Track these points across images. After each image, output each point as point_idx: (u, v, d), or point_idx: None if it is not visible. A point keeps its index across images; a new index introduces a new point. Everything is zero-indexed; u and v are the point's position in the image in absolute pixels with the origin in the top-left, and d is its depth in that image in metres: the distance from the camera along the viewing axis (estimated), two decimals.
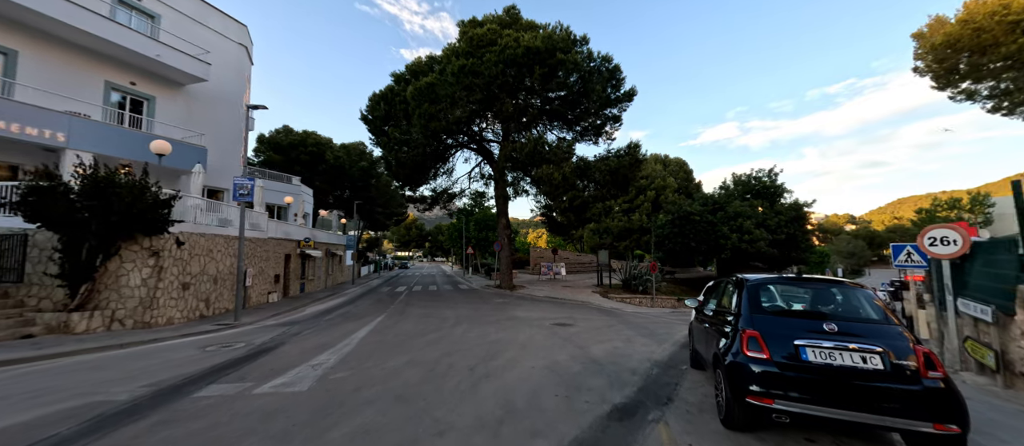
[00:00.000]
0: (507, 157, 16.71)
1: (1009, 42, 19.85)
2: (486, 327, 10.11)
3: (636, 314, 15.16)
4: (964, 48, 22.09)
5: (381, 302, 16.88)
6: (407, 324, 10.64)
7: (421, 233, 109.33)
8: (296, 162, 35.55)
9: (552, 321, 11.33)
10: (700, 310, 5.74)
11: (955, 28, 21.72)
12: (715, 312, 4.98)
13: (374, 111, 21.59)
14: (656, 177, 49.81)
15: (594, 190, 18.53)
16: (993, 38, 20.36)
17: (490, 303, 16.19)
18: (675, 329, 10.97)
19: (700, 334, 5.53)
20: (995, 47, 20.67)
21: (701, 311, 5.68)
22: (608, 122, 20.55)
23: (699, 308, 5.81)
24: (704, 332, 5.27)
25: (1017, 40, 19.45)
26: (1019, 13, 19.46)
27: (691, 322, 6.31)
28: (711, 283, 8.48)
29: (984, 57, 21.60)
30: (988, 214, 47.84)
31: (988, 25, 20.42)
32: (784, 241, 27.77)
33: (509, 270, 22.78)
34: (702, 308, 5.72)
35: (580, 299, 18.86)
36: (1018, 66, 20.80)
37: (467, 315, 12.43)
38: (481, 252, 42.07)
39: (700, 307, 5.79)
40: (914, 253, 9.30)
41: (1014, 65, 20.69)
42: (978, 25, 20.75)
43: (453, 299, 17.93)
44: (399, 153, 19.32)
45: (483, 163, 25.68)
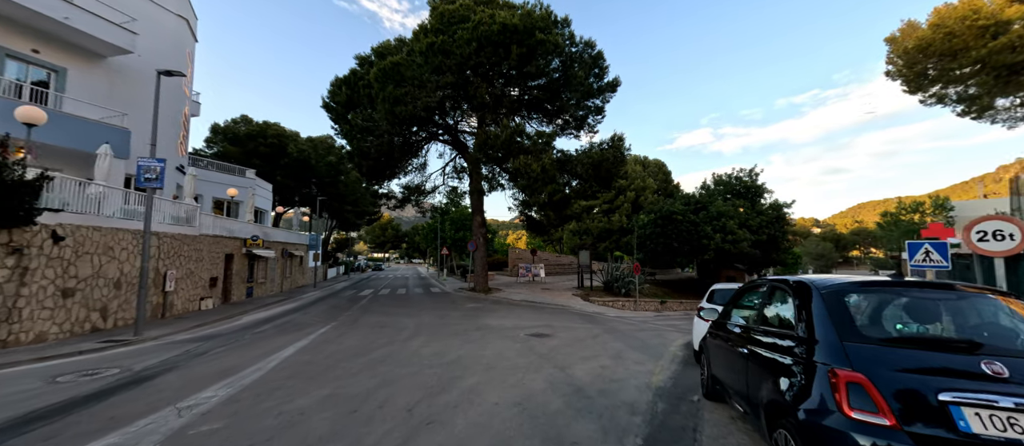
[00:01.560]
0: (481, 147, 15.09)
1: (979, 46, 19.73)
2: (448, 340, 8.43)
3: (620, 319, 13.82)
4: (935, 52, 21.95)
5: (337, 308, 14.89)
6: (353, 337, 8.83)
7: (397, 234, 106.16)
8: (254, 155, 32.72)
9: (528, 330, 9.76)
10: (721, 323, 4.29)
11: (927, 32, 21.60)
12: (751, 329, 3.52)
13: (336, 97, 19.50)
14: (636, 178, 49.32)
15: (575, 185, 17.15)
16: (963, 42, 20.25)
17: (460, 308, 14.49)
18: (668, 339, 9.61)
19: (722, 356, 4.08)
20: (965, 51, 20.57)
21: (722, 325, 4.23)
22: (590, 114, 19.25)
23: (720, 320, 4.35)
24: (730, 355, 3.82)
25: (987, 44, 19.34)
26: (988, 18, 19.35)
27: (705, 337, 4.86)
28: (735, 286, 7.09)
29: (954, 61, 21.51)
30: (950, 217, 49.83)
31: (959, 29, 20.29)
32: (765, 242, 27.30)
33: (484, 272, 21.11)
34: (723, 320, 4.27)
35: (559, 303, 17.41)
36: (987, 71, 20.71)
37: (429, 324, 10.70)
38: (457, 253, 40.17)
39: (722, 319, 4.33)
40: (933, 252, 8.27)
41: (983, 69, 20.60)
42: (949, 29, 20.62)
43: (419, 304, 16.11)
44: (362, 143, 17.35)
45: (458, 157, 23.95)
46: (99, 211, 10.07)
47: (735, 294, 4.34)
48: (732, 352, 3.77)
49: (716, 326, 4.39)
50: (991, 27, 19.46)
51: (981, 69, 20.47)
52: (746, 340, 3.47)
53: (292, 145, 34.57)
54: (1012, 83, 20.08)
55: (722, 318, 4.34)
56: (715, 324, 4.44)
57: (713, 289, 7.15)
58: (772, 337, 3.03)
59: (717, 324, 4.39)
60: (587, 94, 18.28)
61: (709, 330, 4.74)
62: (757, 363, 3.12)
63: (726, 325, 4.14)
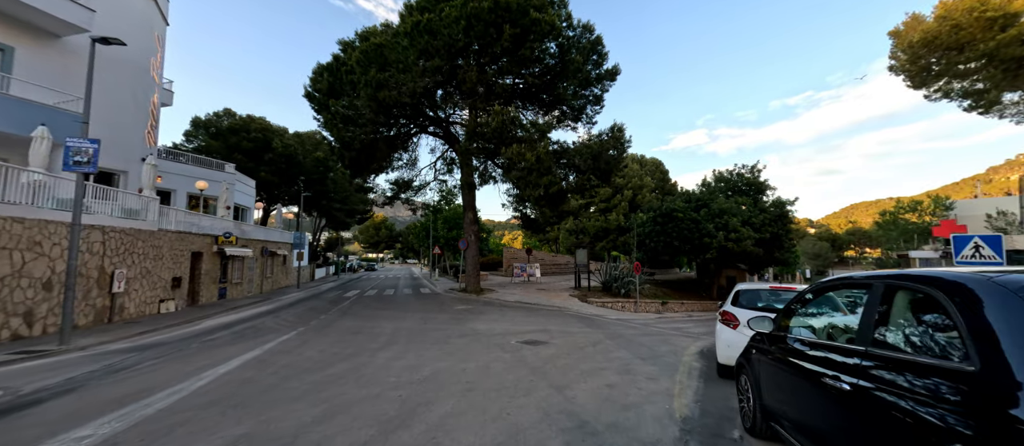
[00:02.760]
0: (472, 136, 13.91)
1: (987, 39, 18.91)
2: (426, 350, 7.24)
3: (622, 323, 12.70)
4: (941, 45, 21.15)
5: (314, 311, 13.64)
6: (317, 346, 7.62)
7: (392, 234, 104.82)
8: (237, 150, 31.27)
9: (520, 337, 8.60)
10: (778, 338, 3.13)
11: (933, 25, 20.79)
12: (841, 350, 2.36)
13: (317, 84, 18.21)
14: (633, 176, 48.34)
15: (573, 180, 16.03)
16: (970, 35, 19.44)
17: (448, 311, 13.30)
18: (677, 346, 8.48)
19: (782, 383, 2.93)
20: (973, 44, 19.78)
21: (780, 339, 3.08)
22: (589, 104, 18.12)
23: (776, 333, 3.19)
24: (797, 383, 2.68)
25: (995, 37, 18.53)
26: (996, 10, 18.52)
27: (747, 354, 3.72)
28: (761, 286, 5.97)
29: (961, 55, 20.71)
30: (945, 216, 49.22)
31: (966, 22, 19.48)
32: (769, 240, 26.35)
33: (476, 271, 19.93)
34: (781, 333, 3.12)
35: (556, 304, 16.27)
36: (995, 64, 19.87)
37: (409, 330, 9.50)
38: (451, 253, 38.92)
39: (778, 331, 3.17)
40: (985, 246, 7.22)
41: (991, 63, 19.77)
42: (956, 22, 19.81)
43: (404, 306, 14.90)
44: (344, 132, 16.09)
45: (449, 151, 22.74)
46: (34, 201, 8.80)
47: (798, 297, 3.18)
48: (801, 380, 2.63)
49: (770, 341, 3.24)
50: (999, 19, 18.61)
51: (989, 62, 19.62)
52: (832, 366, 2.32)
53: (277, 140, 33.16)
54: (1021, 77, 19.22)
55: (778, 330, 3.19)
56: (767, 338, 3.29)
57: (738, 290, 6.03)
58: (892, 369, 1.89)
59: (771, 338, 3.24)
60: (585, 82, 17.15)
61: (754, 344, 3.60)
62: (856, 404, 1.98)
63: (785, 339, 3.00)
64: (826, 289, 2.93)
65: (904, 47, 21.96)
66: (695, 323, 16.33)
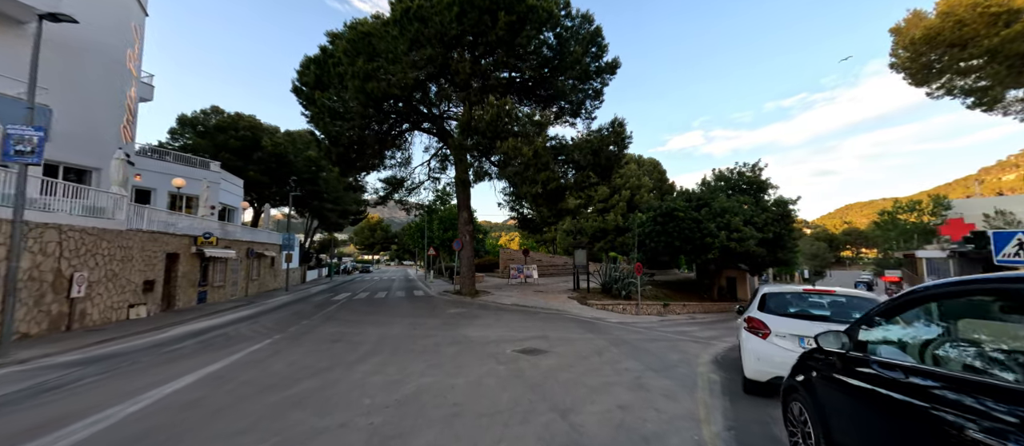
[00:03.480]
0: (465, 130, 13.13)
1: (990, 35, 18.43)
2: (412, 362, 6.44)
3: (624, 327, 11.96)
4: (944, 42, 20.67)
5: (298, 315, 12.79)
6: (289, 357, 6.80)
7: (387, 235, 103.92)
8: (225, 148, 30.33)
9: (517, 345, 7.81)
10: (856, 360, 2.38)
11: (935, 21, 20.32)
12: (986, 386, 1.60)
13: (304, 78, 17.37)
14: (631, 176, 47.80)
15: (571, 177, 15.29)
16: (974, 31, 18.97)
17: (440, 315, 12.49)
18: (688, 353, 7.74)
19: (870, 422, 2.17)
20: (976, 40, 19.30)
21: (860, 363, 2.33)
22: (588, 98, 17.41)
23: (852, 355, 2.43)
24: (900, 425, 1.92)
25: (999, 33, 18.05)
26: (1000, 5, 18.04)
27: (809, 379, 2.95)
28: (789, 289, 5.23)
29: (964, 51, 20.24)
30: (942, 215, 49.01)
31: (969, 17, 19.00)
32: (771, 240, 25.73)
33: (471, 273, 19.13)
34: (861, 354, 2.37)
35: (554, 307, 15.50)
36: (999, 60, 19.34)
37: (396, 337, 8.68)
38: (446, 253, 38.06)
39: (856, 351, 2.42)
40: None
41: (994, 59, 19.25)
42: (959, 17, 19.33)
43: (394, 310, 14.08)
44: (331, 127, 15.26)
45: (444, 147, 21.96)
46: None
47: (889, 307, 2.40)
48: (904, 420, 1.88)
49: (844, 363, 2.47)
50: (1003, 15, 18.10)
51: (992, 59, 19.11)
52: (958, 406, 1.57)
53: (267, 139, 32.23)
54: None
55: (855, 349, 2.44)
56: (841, 359, 2.53)
57: (765, 293, 5.29)
58: None
59: (845, 359, 2.48)
60: (584, 76, 16.43)
61: (815, 365, 2.84)
62: None
63: (868, 362, 2.25)
64: (931, 297, 2.16)
65: (905, 44, 21.47)
66: (700, 326, 15.62)
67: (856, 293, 4.84)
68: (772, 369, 4.52)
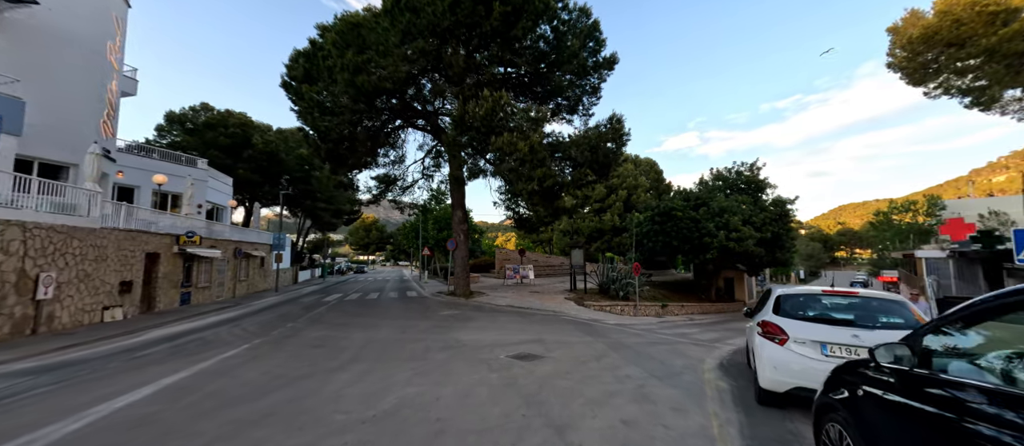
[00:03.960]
0: (459, 124, 12.66)
1: (988, 34, 18.27)
2: (396, 370, 5.96)
3: (622, 329, 11.54)
4: (942, 41, 20.50)
5: (283, 317, 12.25)
6: (264, 365, 6.29)
7: (383, 235, 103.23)
8: (214, 146, 29.65)
9: (511, 350, 7.35)
10: (921, 378, 1.93)
11: (933, 20, 20.18)
12: None
13: (293, 71, 16.81)
14: (628, 176, 47.49)
15: (569, 172, 14.84)
16: (972, 30, 18.82)
17: (432, 317, 12.00)
18: (691, 357, 7.33)
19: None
20: (974, 40, 19.14)
21: (928, 380, 1.88)
22: (585, 94, 17.01)
23: (916, 371, 1.98)
24: None
25: (997, 32, 17.88)
26: (998, 4, 17.87)
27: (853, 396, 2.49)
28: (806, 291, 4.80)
29: (962, 51, 20.07)
30: (938, 215, 49.23)
31: (967, 16, 18.83)
32: (769, 240, 25.43)
33: (465, 273, 18.64)
34: (925, 370, 1.92)
35: (550, 308, 15.06)
36: (996, 59, 19.15)
37: (382, 341, 8.20)
38: (441, 254, 37.54)
39: (921, 367, 1.97)
40: None
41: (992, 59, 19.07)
42: (957, 16, 19.18)
43: (384, 312, 13.57)
44: (319, 121, 14.73)
45: (438, 145, 21.46)
46: None
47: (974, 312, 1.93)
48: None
49: (906, 383, 2.02)
50: (1001, 14, 17.92)
51: (990, 58, 18.93)
52: None
53: (258, 137, 31.56)
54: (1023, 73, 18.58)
55: (920, 364, 1.99)
56: (899, 378, 2.08)
57: (779, 295, 4.86)
58: None
59: (906, 378, 2.03)
60: (581, 72, 16.01)
61: (861, 381, 2.39)
62: None
63: (940, 382, 1.81)
64: None
65: (903, 44, 21.29)
66: (700, 328, 15.24)
67: (882, 295, 4.44)
68: (791, 379, 4.09)
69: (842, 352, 3.97)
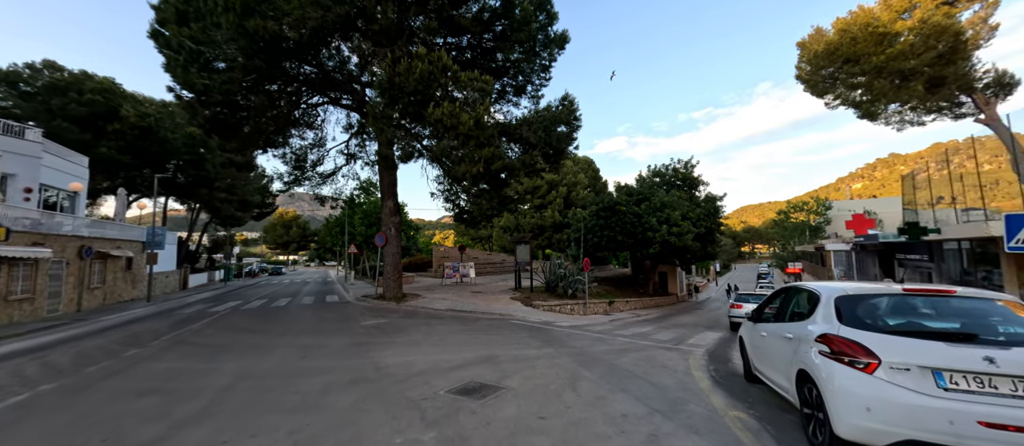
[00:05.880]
0: (388, 89, 10.15)
1: (877, 52, 20.29)
2: (263, 431, 3.63)
3: (580, 333, 10.12)
4: (841, 57, 22.45)
5: (132, 339, 8.81)
6: (16, 439, 3.55)
7: (304, 232, 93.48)
8: (63, 115, 22.97)
9: (453, 380, 5.32)
10: None
11: (834, 37, 22.07)
12: None
13: (164, 12, 12.69)
14: (568, 173, 47.47)
15: (519, 155, 13.08)
16: (865, 48, 20.80)
17: (350, 331, 9.45)
18: (673, 368, 5.96)
19: None
20: (866, 57, 21.15)
21: None
22: (535, 73, 15.39)
23: None
24: None
25: (884, 51, 19.95)
26: (886, 26, 19.90)
27: None
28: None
29: (856, 66, 22.14)
30: (825, 215, 56.88)
31: (862, 35, 20.78)
32: (703, 234, 26.33)
33: (397, 273, 16.03)
34: None
35: (497, 310, 13.23)
36: (884, 76, 21.38)
37: (267, 374, 5.66)
38: (370, 251, 33.79)
39: None
40: None
41: (881, 74, 21.23)
42: (853, 35, 21.10)
43: (288, 326, 10.64)
44: (194, 77, 11.16)
45: (367, 126, 18.40)
46: None
47: None
48: None
49: None
50: (888, 36, 20.00)
51: (878, 74, 21.08)
52: None
53: (129, 107, 25.16)
54: (903, 89, 20.82)
55: None
56: None
57: (840, 297, 3.48)
58: None
59: None
60: (532, 49, 14.34)
61: None
62: None
63: None
64: None
65: (809, 58, 23.05)
66: (652, 325, 14.50)
67: (982, 293, 3.24)
68: (896, 428, 2.67)
69: (971, 384, 2.62)
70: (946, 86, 19.82)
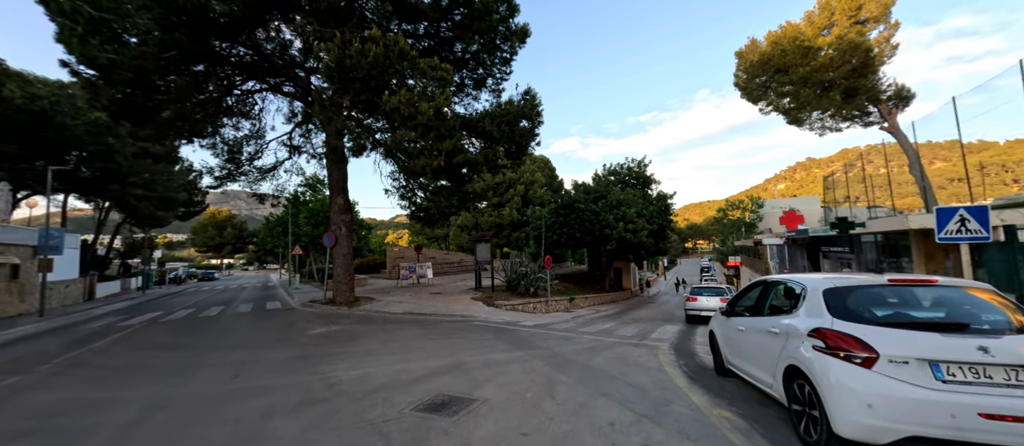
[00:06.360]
0: (338, 72, 9.14)
1: (803, 64, 22.31)
2: None
3: (546, 332, 9.89)
4: (773, 67, 24.37)
5: (13, 364, 7.17)
6: None
7: (241, 234, 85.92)
8: None
9: (419, 392, 4.75)
10: None
11: (767, 48, 23.93)
12: None
13: None
14: (526, 171, 47.60)
15: (480, 149, 12.52)
16: (793, 59, 22.80)
17: (295, 341, 8.44)
18: (647, 366, 5.84)
19: None
20: (794, 68, 23.16)
21: None
22: (496, 66, 14.93)
23: None
24: None
25: (809, 63, 22.01)
26: (811, 40, 21.97)
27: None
28: None
29: (786, 76, 24.15)
30: (758, 212, 62.29)
31: (790, 48, 22.73)
32: (656, 231, 27.41)
33: (349, 275, 14.85)
34: None
35: (459, 312, 12.65)
36: (809, 86, 23.51)
37: (185, 402, 4.71)
38: (318, 252, 31.46)
39: None
40: (971, 220, 6.33)
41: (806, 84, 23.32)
42: (783, 47, 23.05)
43: (219, 339, 9.33)
44: (94, 50, 9.40)
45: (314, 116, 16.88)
46: None
47: None
48: None
49: None
50: (811, 50, 22.08)
51: (804, 84, 23.21)
52: None
53: (14, 87, 21.16)
54: (824, 98, 23.06)
55: None
56: None
57: (828, 289, 3.41)
58: None
59: None
60: (492, 42, 13.85)
61: None
62: None
63: None
64: None
65: (745, 67, 24.85)
66: (614, 321, 14.65)
67: (954, 282, 3.29)
68: (900, 425, 2.57)
69: (967, 374, 2.58)
70: (859, 96, 22.11)
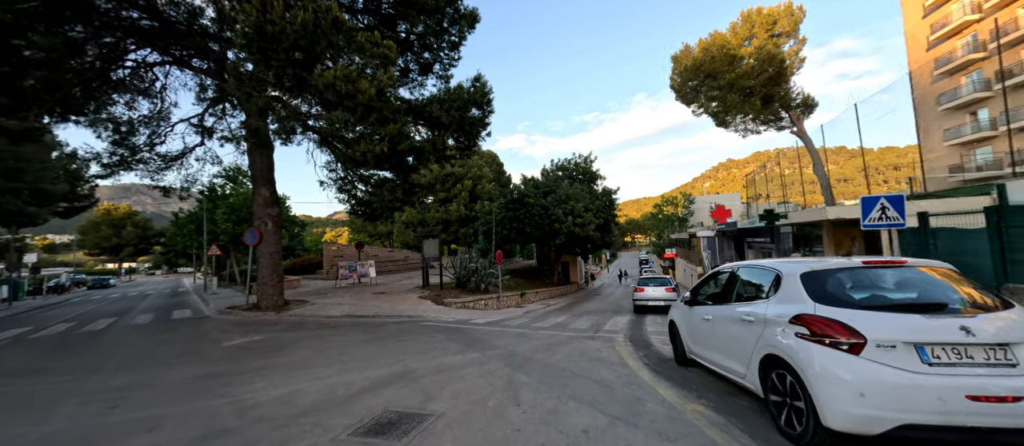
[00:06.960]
0: (256, 38, 7.74)
1: (729, 71, 24.32)
2: None
3: (500, 330, 9.45)
4: (704, 72, 26.25)
5: None
6: None
7: (145, 233, 74.93)
8: None
9: (360, 411, 3.98)
10: None
11: (699, 54, 25.73)
12: None
13: None
14: (474, 166, 46.79)
15: (427, 137, 11.61)
16: (721, 66, 24.75)
17: (202, 356, 7.08)
18: (609, 360, 5.64)
19: None
20: (722, 73, 25.14)
21: None
22: (443, 50, 14.05)
23: None
24: None
25: (734, 70, 24.05)
26: (735, 49, 24.01)
27: None
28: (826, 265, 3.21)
29: (714, 81, 26.15)
30: (689, 208, 67.58)
31: (719, 55, 24.66)
32: (603, 225, 28.22)
33: (276, 276, 13.14)
34: None
35: (405, 312, 11.74)
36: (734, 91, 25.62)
37: (42, 441, 3.53)
38: (240, 253, 28.05)
39: None
40: (890, 208, 6.91)
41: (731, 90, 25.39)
42: (713, 54, 24.94)
43: (103, 358, 7.60)
44: None
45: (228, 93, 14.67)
46: None
47: None
48: None
49: None
50: (736, 58, 24.12)
51: (730, 89, 25.28)
52: None
53: None
54: (747, 103, 25.31)
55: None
56: None
57: (805, 273, 3.29)
58: None
59: None
60: (439, 17, 12.98)
61: None
62: None
63: None
64: None
65: (680, 71, 26.52)
66: (566, 315, 14.62)
67: (918, 262, 3.31)
68: (893, 413, 2.44)
69: (950, 356, 2.50)
70: (774, 103, 24.43)
